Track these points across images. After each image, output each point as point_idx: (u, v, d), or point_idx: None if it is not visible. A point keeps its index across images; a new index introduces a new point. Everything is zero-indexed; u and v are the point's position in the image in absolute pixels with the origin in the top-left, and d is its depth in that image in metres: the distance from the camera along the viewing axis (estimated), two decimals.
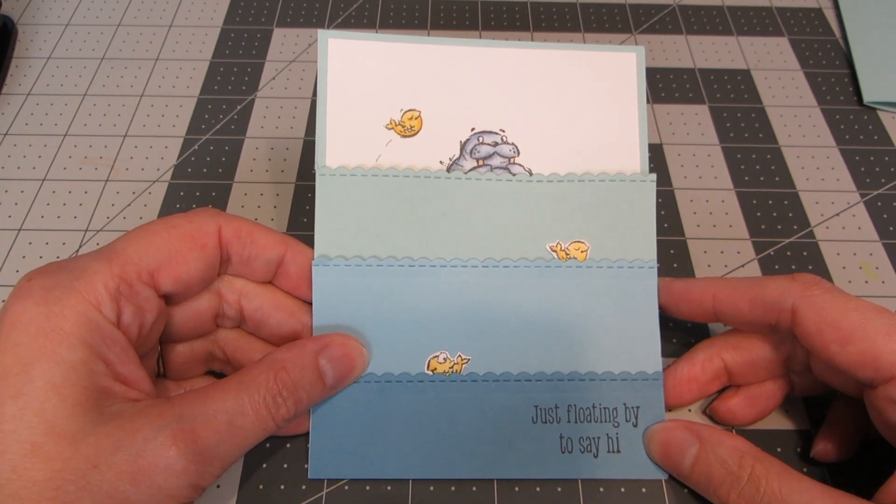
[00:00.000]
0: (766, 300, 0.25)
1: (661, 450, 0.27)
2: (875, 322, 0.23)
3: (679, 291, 0.28)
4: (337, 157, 0.29)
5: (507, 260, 0.28)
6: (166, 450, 0.20)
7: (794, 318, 0.25)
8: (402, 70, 0.29)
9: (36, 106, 0.41)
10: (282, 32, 0.45)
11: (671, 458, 0.26)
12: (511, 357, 0.28)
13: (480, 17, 0.46)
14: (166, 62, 0.43)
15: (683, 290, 0.28)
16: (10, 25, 0.44)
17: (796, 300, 0.25)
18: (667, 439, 0.27)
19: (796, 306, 0.24)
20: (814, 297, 0.24)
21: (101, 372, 0.21)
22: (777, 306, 0.25)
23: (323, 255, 0.28)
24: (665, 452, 0.27)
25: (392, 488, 0.28)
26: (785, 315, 0.25)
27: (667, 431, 0.27)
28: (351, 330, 0.28)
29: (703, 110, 0.41)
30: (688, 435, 0.26)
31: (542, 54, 0.30)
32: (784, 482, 0.23)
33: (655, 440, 0.27)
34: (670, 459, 0.27)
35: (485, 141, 0.29)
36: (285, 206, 0.36)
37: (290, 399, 0.24)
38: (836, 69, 0.44)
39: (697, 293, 0.28)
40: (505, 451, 0.27)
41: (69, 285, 0.22)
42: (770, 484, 0.23)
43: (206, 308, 0.27)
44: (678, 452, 0.26)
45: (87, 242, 0.35)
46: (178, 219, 0.25)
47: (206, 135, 0.39)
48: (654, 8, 0.47)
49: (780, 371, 0.28)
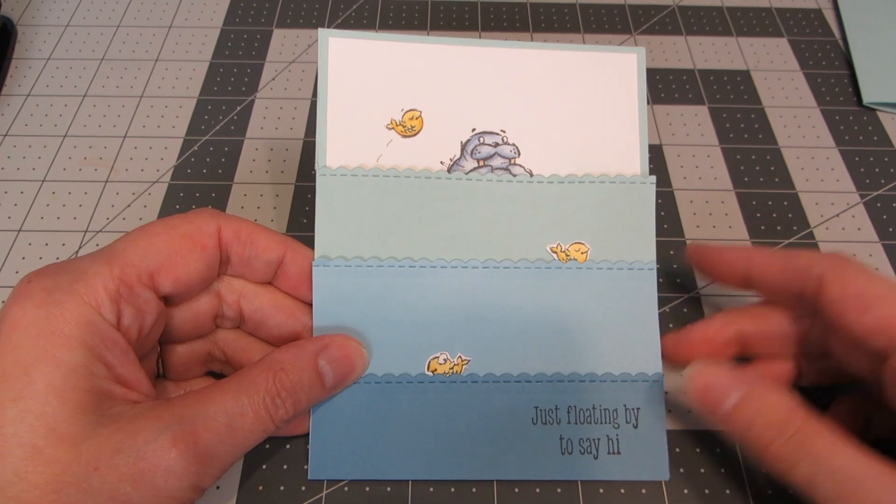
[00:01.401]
0: (797, 267, 0.26)
1: (702, 390, 0.25)
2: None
3: (714, 254, 0.29)
4: (337, 157, 0.29)
5: (507, 261, 0.28)
6: (167, 452, 0.20)
7: (820, 285, 0.25)
8: (403, 70, 0.29)
9: (36, 107, 0.41)
10: (281, 33, 0.45)
11: (710, 399, 0.25)
12: (511, 358, 0.28)
13: (480, 17, 0.46)
14: (166, 63, 0.43)
15: (719, 254, 0.29)
16: (10, 26, 0.44)
17: (825, 270, 0.25)
18: (711, 381, 0.25)
19: (824, 275, 0.25)
20: (842, 268, 0.25)
21: (101, 374, 0.21)
22: (806, 273, 0.26)
23: (323, 255, 0.28)
24: (705, 393, 0.25)
25: (392, 489, 0.28)
26: (811, 283, 0.25)
27: (712, 373, 0.26)
28: (351, 331, 0.28)
29: (702, 111, 0.41)
30: (734, 381, 0.25)
31: (542, 55, 0.30)
32: (832, 445, 0.22)
33: (698, 380, 0.26)
34: (709, 401, 0.25)
35: (485, 141, 0.29)
36: (285, 207, 0.36)
37: (289, 400, 0.24)
38: (835, 70, 0.44)
39: (732, 256, 0.28)
40: (505, 452, 0.27)
41: (69, 287, 0.22)
42: (815, 444, 0.23)
43: (205, 309, 0.27)
44: (721, 395, 0.25)
45: (86, 243, 0.35)
46: (177, 220, 0.25)
47: (206, 136, 0.39)
48: (654, 9, 0.47)
49: (793, 349, 0.28)
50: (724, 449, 0.29)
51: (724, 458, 0.29)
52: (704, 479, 0.28)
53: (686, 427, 0.29)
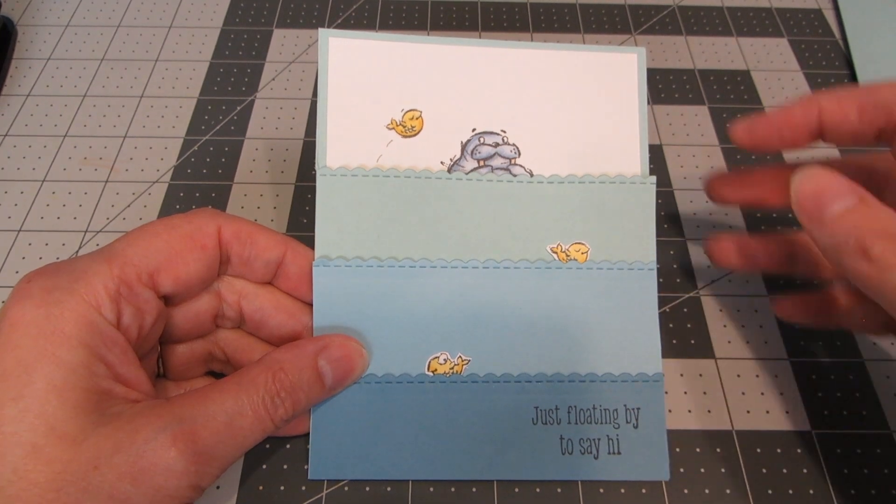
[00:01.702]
0: (878, 102, 0.24)
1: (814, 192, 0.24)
2: None
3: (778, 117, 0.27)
4: (337, 157, 0.29)
5: (507, 261, 0.28)
6: (166, 451, 0.20)
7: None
8: (404, 70, 0.29)
9: (36, 107, 0.41)
10: (281, 33, 0.45)
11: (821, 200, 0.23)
12: (511, 358, 0.28)
13: (480, 17, 0.46)
14: (166, 63, 0.43)
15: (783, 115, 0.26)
16: (10, 26, 0.44)
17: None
18: (827, 183, 0.23)
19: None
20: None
21: (101, 373, 0.21)
22: (889, 108, 0.24)
23: (323, 255, 0.28)
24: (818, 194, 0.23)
25: (392, 489, 0.28)
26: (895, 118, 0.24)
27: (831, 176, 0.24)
28: (351, 331, 0.28)
29: (702, 111, 0.41)
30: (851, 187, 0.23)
31: (543, 55, 0.30)
32: None
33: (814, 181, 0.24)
34: (818, 201, 0.23)
35: (486, 141, 0.29)
36: (285, 207, 0.36)
37: (289, 400, 0.24)
38: (835, 70, 0.44)
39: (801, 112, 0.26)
40: (505, 452, 0.27)
41: (69, 287, 0.22)
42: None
43: (205, 309, 0.27)
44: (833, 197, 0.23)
45: (86, 243, 0.35)
46: (177, 219, 0.25)
47: (206, 136, 0.39)
48: (654, 9, 0.47)
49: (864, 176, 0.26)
50: (724, 449, 0.29)
51: (724, 458, 0.29)
52: (705, 479, 0.28)
53: (686, 427, 0.29)
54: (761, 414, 0.30)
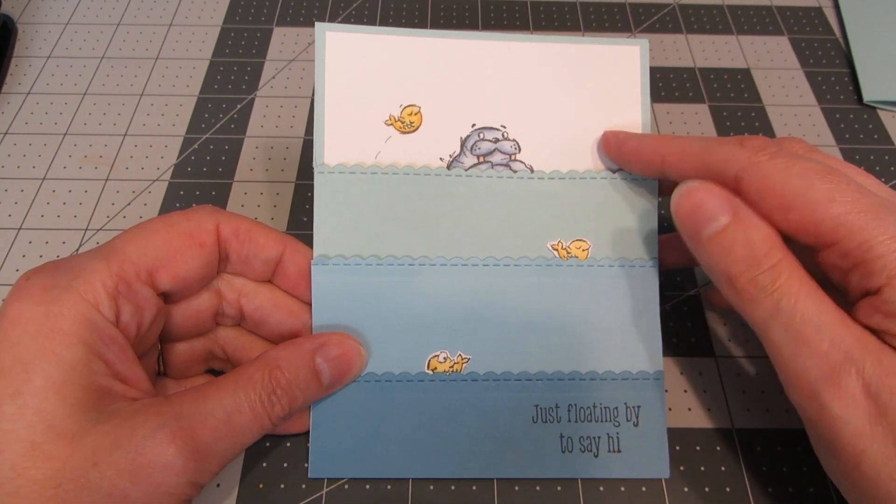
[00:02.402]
0: (713, 167, 0.25)
1: (692, 207, 0.24)
2: (817, 188, 0.22)
3: (632, 150, 0.28)
4: (335, 154, 0.28)
5: (507, 258, 0.28)
6: (165, 448, 0.20)
7: (738, 186, 0.24)
8: (402, 64, 0.29)
9: (36, 105, 0.41)
10: (282, 31, 0.45)
11: (695, 220, 0.24)
12: (511, 356, 0.28)
13: (480, 15, 0.46)
14: (166, 61, 0.43)
15: (636, 149, 0.28)
16: (10, 24, 0.44)
17: (740, 169, 0.24)
18: (702, 201, 0.24)
19: (740, 175, 0.24)
20: (759, 164, 0.23)
21: (100, 371, 0.21)
22: (722, 174, 0.24)
23: (322, 254, 0.28)
24: (693, 214, 0.24)
25: (392, 487, 0.28)
26: (729, 182, 0.24)
27: (706, 193, 0.24)
28: (350, 329, 0.27)
29: (703, 109, 0.41)
30: (725, 204, 0.24)
31: (543, 48, 0.29)
32: (804, 289, 0.22)
33: (689, 199, 0.24)
34: (693, 221, 0.24)
35: (486, 137, 0.29)
36: (285, 206, 0.36)
37: (285, 397, 0.24)
38: (836, 68, 0.44)
39: (649, 153, 0.27)
40: (505, 450, 0.27)
41: (68, 285, 0.22)
42: (789, 283, 0.22)
43: (205, 307, 0.27)
44: (707, 218, 0.24)
45: (86, 242, 0.35)
46: (176, 216, 0.25)
47: (206, 134, 0.39)
48: (654, 7, 0.47)
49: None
50: (724, 447, 0.29)
51: (724, 456, 0.29)
52: (705, 476, 0.28)
53: (687, 425, 0.29)
54: (761, 412, 0.30)
